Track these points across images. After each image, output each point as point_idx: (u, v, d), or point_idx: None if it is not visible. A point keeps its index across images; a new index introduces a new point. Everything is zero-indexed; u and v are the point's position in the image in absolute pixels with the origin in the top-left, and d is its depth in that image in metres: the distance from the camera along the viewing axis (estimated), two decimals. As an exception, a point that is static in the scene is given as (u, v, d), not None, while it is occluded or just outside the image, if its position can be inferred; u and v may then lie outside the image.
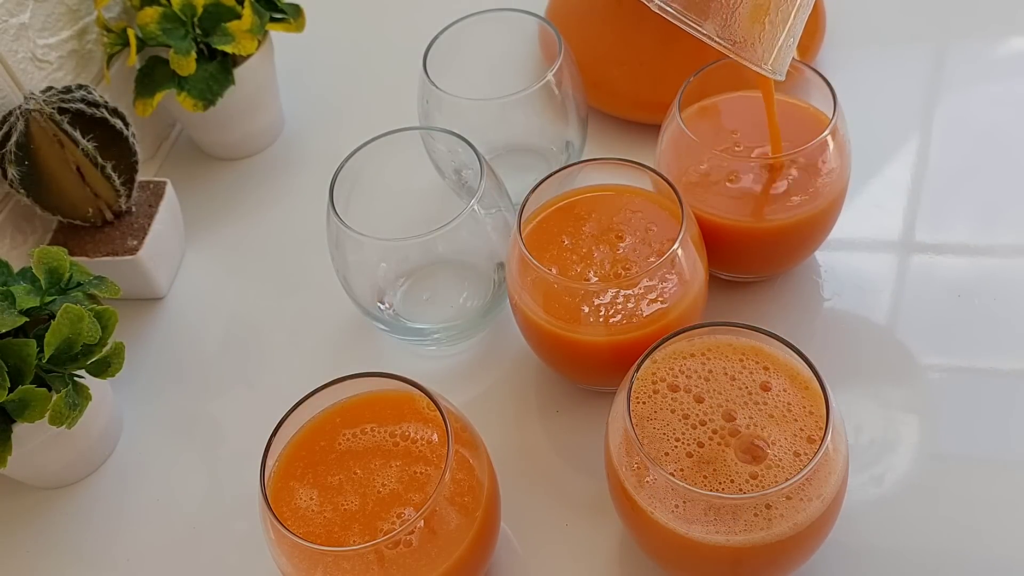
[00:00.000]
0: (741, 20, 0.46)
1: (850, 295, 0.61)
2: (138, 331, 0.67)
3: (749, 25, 0.46)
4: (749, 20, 0.46)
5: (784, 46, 0.47)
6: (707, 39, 0.47)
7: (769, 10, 0.46)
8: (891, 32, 0.76)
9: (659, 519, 0.43)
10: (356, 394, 0.49)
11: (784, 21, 0.47)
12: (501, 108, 0.60)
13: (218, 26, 0.68)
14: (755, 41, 0.47)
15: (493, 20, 0.65)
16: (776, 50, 0.47)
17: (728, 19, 0.46)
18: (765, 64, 0.47)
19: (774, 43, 0.47)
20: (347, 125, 0.78)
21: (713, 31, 0.47)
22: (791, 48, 0.48)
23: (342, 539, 0.45)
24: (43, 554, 0.57)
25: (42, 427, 0.53)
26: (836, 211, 0.57)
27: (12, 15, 0.63)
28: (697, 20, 0.47)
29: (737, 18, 0.46)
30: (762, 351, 0.48)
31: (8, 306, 0.52)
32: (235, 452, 0.60)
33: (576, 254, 0.55)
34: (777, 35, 0.46)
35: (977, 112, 0.69)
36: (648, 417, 0.46)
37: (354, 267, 0.58)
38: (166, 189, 0.68)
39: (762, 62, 0.47)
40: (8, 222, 0.64)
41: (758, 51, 0.47)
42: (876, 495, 0.52)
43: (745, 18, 0.46)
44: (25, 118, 0.59)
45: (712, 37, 0.47)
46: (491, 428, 0.56)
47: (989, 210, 0.63)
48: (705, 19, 0.47)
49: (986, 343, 0.57)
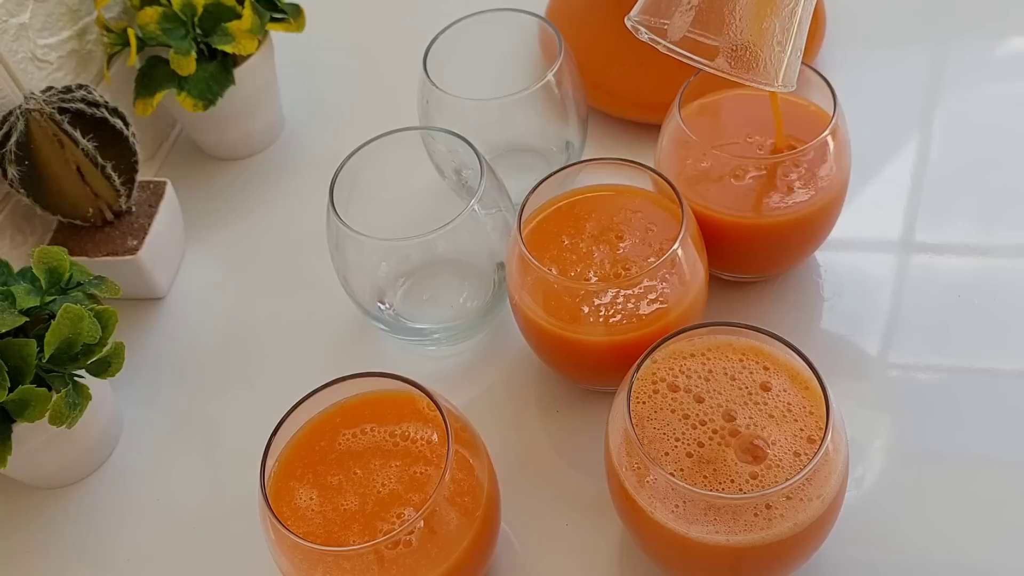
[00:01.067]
0: (748, 49, 0.48)
1: (850, 295, 0.61)
2: (138, 331, 0.67)
3: (756, 52, 0.48)
4: (755, 48, 0.48)
5: (791, 61, 0.49)
6: (720, 73, 0.49)
7: (774, 34, 0.48)
8: (891, 32, 0.76)
9: (659, 519, 0.43)
10: (356, 394, 0.49)
11: (788, 40, 0.48)
12: (501, 108, 0.60)
13: (218, 26, 0.68)
14: (765, 65, 0.48)
15: (493, 20, 0.65)
16: (784, 67, 0.48)
17: (735, 51, 0.48)
18: (776, 83, 0.48)
19: (782, 62, 0.48)
20: (347, 125, 0.78)
21: (724, 66, 0.49)
22: (798, 60, 0.50)
23: (342, 539, 0.45)
24: (43, 554, 0.57)
25: (42, 427, 0.53)
26: (836, 210, 0.57)
27: (12, 15, 0.63)
28: (706, 60, 0.49)
29: (744, 49, 0.48)
30: (762, 351, 0.48)
31: (8, 306, 0.52)
32: (235, 452, 0.60)
33: (576, 254, 0.55)
34: (784, 54, 0.49)
35: (977, 112, 0.69)
36: (648, 417, 0.46)
37: (354, 267, 0.58)
38: (166, 189, 0.68)
39: (774, 81, 0.49)
40: (8, 222, 0.64)
41: (769, 73, 0.49)
42: (876, 495, 0.52)
43: (751, 47, 0.48)
44: (25, 118, 0.59)
45: (724, 71, 0.49)
46: (491, 428, 0.56)
47: (989, 210, 0.63)
48: (714, 56, 0.49)
49: (986, 343, 0.57)
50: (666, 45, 0.49)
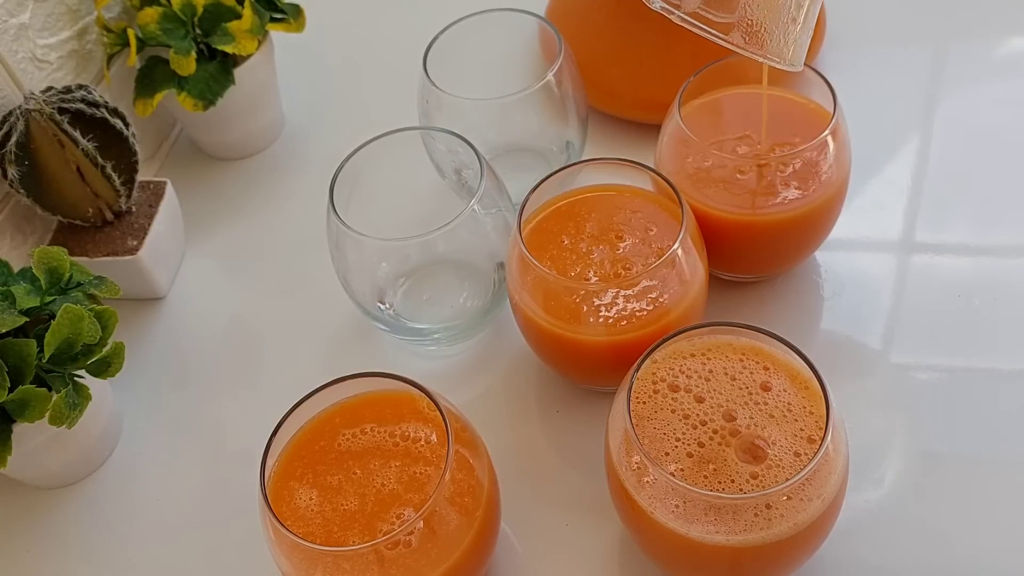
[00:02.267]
0: (762, 24, 0.48)
1: (850, 295, 0.61)
2: (138, 331, 0.67)
3: (769, 28, 0.48)
4: (768, 24, 0.48)
5: (801, 40, 0.49)
6: (731, 47, 0.49)
7: (788, 9, 0.48)
8: (891, 32, 0.76)
9: (659, 519, 0.43)
10: (356, 394, 0.49)
11: (800, 16, 0.48)
12: (501, 108, 0.60)
13: (218, 26, 0.68)
14: (776, 41, 0.49)
15: (493, 20, 0.65)
16: (793, 45, 0.49)
17: (749, 27, 0.48)
18: (784, 60, 0.49)
19: (791, 38, 0.49)
20: (347, 125, 0.78)
21: (739, 41, 0.49)
22: (807, 41, 0.50)
23: (342, 539, 0.45)
24: (43, 554, 0.57)
25: (42, 427, 0.53)
26: (836, 210, 0.57)
27: (12, 15, 0.63)
28: (723, 32, 0.49)
29: (758, 24, 0.48)
30: (762, 351, 0.48)
31: (8, 306, 0.52)
32: (235, 452, 0.60)
33: (576, 254, 0.55)
34: (795, 30, 0.49)
35: (977, 112, 0.69)
36: (648, 417, 0.46)
37: (354, 267, 0.58)
38: (166, 189, 0.68)
39: (783, 58, 0.49)
40: (8, 222, 0.64)
41: (779, 50, 0.49)
42: (876, 495, 0.52)
43: (764, 22, 0.48)
44: (25, 118, 0.59)
45: (739, 46, 0.49)
46: (491, 428, 0.56)
47: (989, 210, 0.63)
48: (729, 30, 0.49)
49: (986, 343, 0.57)
50: (680, 15, 0.49)
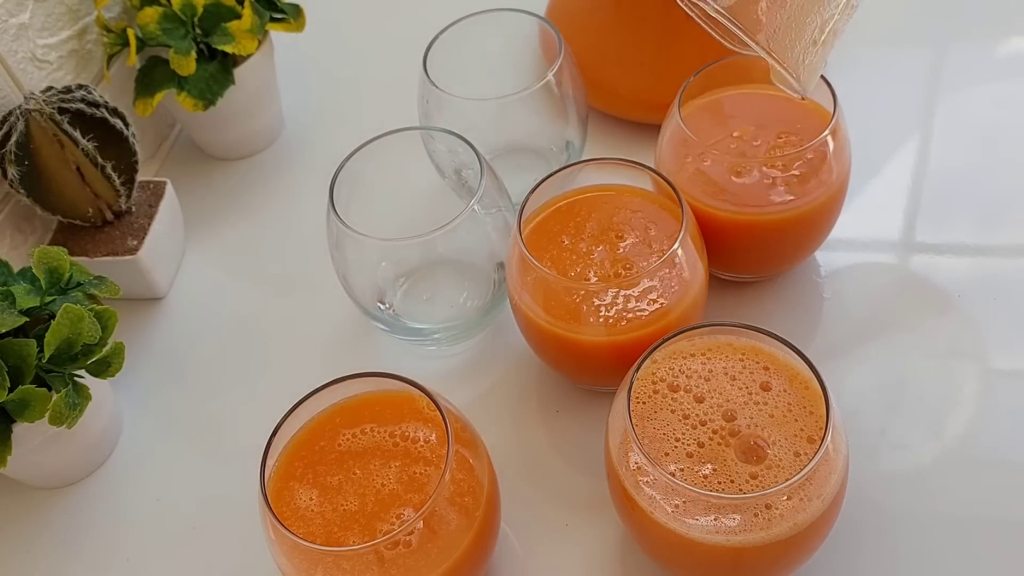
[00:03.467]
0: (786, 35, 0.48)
1: (850, 295, 0.61)
2: (138, 331, 0.67)
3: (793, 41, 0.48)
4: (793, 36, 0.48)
5: (814, 65, 0.49)
6: (755, 47, 0.49)
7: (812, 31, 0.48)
8: (891, 32, 0.76)
9: (659, 519, 0.43)
10: (356, 394, 0.49)
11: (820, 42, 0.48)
12: (501, 108, 0.60)
13: (218, 26, 0.68)
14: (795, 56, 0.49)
15: (493, 20, 0.65)
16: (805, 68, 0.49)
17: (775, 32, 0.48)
18: (798, 78, 0.49)
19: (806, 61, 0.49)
20: (347, 125, 0.78)
21: (765, 43, 0.48)
22: (820, 68, 0.50)
23: (342, 539, 0.45)
24: (43, 554, 0.57)
25: (42, 427, 0.53)
26: (836, 210, 0.57)
27: (12, 15, 0.63)
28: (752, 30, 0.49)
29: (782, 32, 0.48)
30: (762, 351, 0.48)
31: (8, 306, 0.52)
32: (235, 452, 0.60)
33: (576, 254, 0.55)
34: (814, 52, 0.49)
35: (977, 112, 0.69)
36: (648, 417, 0.46)
37: (354, 267, 0.58)
38: (166, 189, 0.68)
39: (796, 75, 0.49)
40: (8, 222, 0.64)
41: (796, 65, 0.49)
42: (876, 495, 0.52)
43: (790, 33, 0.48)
44: (25, 118, 0.59)
45: (763, 47, 0.49)
46: (491, 428, 0.56)
47: (989, 210, 0.63)
48: (758, 31, 0.49)
49: (986, 343, 0.57)
50: (715, 7, 0.48)
